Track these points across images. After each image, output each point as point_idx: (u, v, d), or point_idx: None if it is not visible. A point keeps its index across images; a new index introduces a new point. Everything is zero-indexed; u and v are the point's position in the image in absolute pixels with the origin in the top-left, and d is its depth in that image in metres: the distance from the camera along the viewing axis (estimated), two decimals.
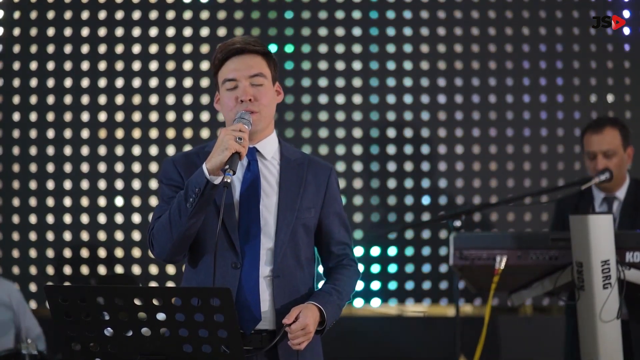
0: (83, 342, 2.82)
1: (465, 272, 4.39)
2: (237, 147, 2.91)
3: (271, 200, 3.08)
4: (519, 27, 5.84)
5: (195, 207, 2.94)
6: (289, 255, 3.06)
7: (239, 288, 3.01)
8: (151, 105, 5.85)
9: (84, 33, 5.89)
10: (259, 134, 3.10)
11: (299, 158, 3.17)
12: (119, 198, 5.82)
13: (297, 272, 3.08)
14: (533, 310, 5.83)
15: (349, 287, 3.16)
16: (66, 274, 5.80)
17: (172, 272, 5.80)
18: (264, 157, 3.12)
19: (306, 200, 3.10)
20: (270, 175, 3.11)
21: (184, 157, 3.13)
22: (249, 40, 3.10)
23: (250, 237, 3.04)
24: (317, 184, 3.14)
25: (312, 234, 3.14)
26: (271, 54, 3.14)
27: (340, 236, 3.18)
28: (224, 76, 3.09)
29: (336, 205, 3.18)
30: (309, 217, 3.11)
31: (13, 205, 5.84)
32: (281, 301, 3.04)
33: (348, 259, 3.19)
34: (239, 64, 3.08)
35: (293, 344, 2.96)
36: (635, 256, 4.13)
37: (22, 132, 5.87)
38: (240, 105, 3.05)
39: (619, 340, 4.08)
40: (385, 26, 5.85)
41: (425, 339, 5.71)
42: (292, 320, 2.95)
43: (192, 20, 5.87)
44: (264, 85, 3.08)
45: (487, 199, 5.76)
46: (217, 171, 2.92)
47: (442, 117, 5.83)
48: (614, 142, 4.65)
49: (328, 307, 3.03)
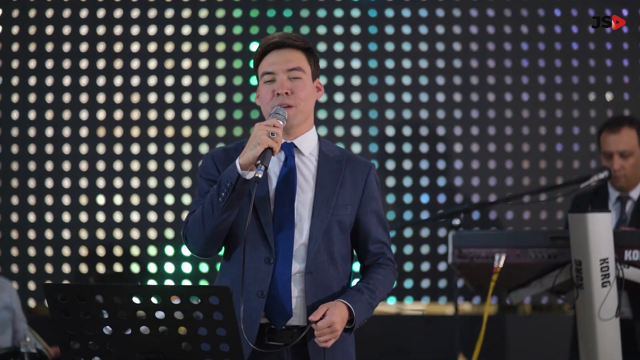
0: (82, 341, 2.82)
1: (464, 270, 4.39)
2: (269, 142, 2.91)
3: (307, 196, 3.07)
4: (518, 25, 5.85)
5: (227, 202, 2.94)
6: (322, 251, 3.05)
7: (272, 283, 3.00)
8: (150, 103, 5.85)
9: (83, 31, 5.88)
10: (296, 129, 3.09)
11: (337, 155, 3.15)
12: (117, 196, 5.82)
13: (330, 269, 3.06)
14: (532, 309, 5.83)
15: (383, 286, 3.14)
16: (65, 272, 5.80)
17: (170, 270, 5.79)
18: (302, 152, 3.11)
19: (342, 197, 3.09)
20: (307, 170, 3.10)
21: (222, 152, 3.13)
22: (289, 35, 3.11)
23: (284, 232, 3.03)
24: (355, 181, 3.12)
25: (347, 232, 3.12)
26: (312, 50, 3.13)
27: (378, 234, 3.15)
28: (262, 69, 3.09)
29: (374, 203, 3.15)
30: (345, 214, 3.09)
31: (12, 204, 5.84)
32: (313, 298, 3.02)
33: (384, 258, 3.17)
34: (278, 57, 3.08)
35: (319, 342, 2.95)
36: (634, 254, 4.13)
37: (20, 131, 5.87)
38: (276, 98, 3.05)
39: (618, 339, 4.08)
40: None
41: (424, 337, 5.70)
42: (318, 318, 2.94)
43: (190, 19, 5.87)
44: (302, 79, 3.07)
45: (486, 197, 5.76)
46: (249, 166, 2.92)
47: (440, 116, 5.83)
48: (631, 142, 4.64)
49: (357, 306, 3.01)
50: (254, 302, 3.00)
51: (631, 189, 4.70)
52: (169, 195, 5.81)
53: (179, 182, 5.80)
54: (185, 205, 5.79)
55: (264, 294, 3.00)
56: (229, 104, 5.83)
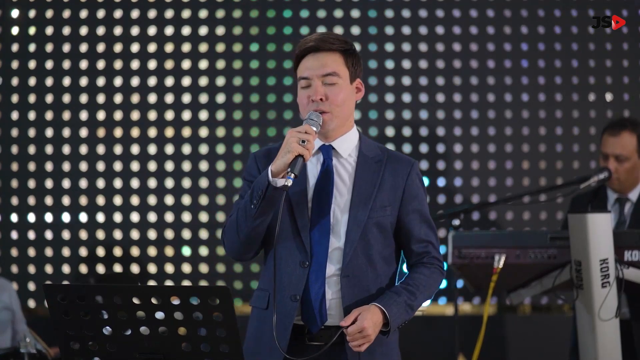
0: (82, 341, 2.82)
1: (464, 270, 4.39)
2: (300, 149, 2.90)
3: (344, 199, 3.05)
4: (518, 25, 5.85)
5: (259, 209, 2.93)
6: (359, 254, 3.02)
7: (306, 287, 2.99)
8: (149, 104, 5.85)
9: (83, 32, 5.88)
10: (335, 131, 3.07)
11: (377, 155, 3.13)
12: (117, 197, 5.82)
13: (368, 271, 3.03)
14: (532, 309, 5.83)
15: (425, 286, 3.11)
16: (65, 272, 5.80)
17: (170, 270, 5.79)
18: (340, 155, 3.09)
19: (381, 198, 3.06)
20: (345, 173, 3.08)
21: (265, 152, 3.12)
22: (325, 38, 3.05)
23: (320, 236, 3.01)
24: (395, 181, 3.09)
25: (389, 233, 3.08)
26: (350, 51, 3.07)
27: (421, 233, 3.11)
28: (299, 74, 3.06)
29: (416, 202, 3.10)
30: (384, 215, 3.05)
31: (11, 204, 5.84)
32: (349, 300, 3.00)
33: (429, 257, 3.14)
34: (313, 62, 3.04)
35: (353, 346, 2.93)
36: (634, 255, 4.13)
37: (20, 131, 5.87)
38: (312, 104, 3.02)
39: (618, 339, 4.08)
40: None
41: (424, 337, 5.70)
42: (349, 323, 2.92)
43: (190, 19, 5.87)
44: (338, 84, 3.03)
45: (486, 198, 5.76)
46: (281, 173, 2.91)
47: (440, 116, 5.83)
48: (629, 147, 4.63)
49: (393, 308, 2.99)
50: (287, 306, 2.99)
51: (630, 191, 4.70)
52: (169, 195, 5.80)
53: (179, 183, 5.80)
54: (186, 205, 5.79)
55: (297, 298, 2.98)
56: (229, 105, 5.83)
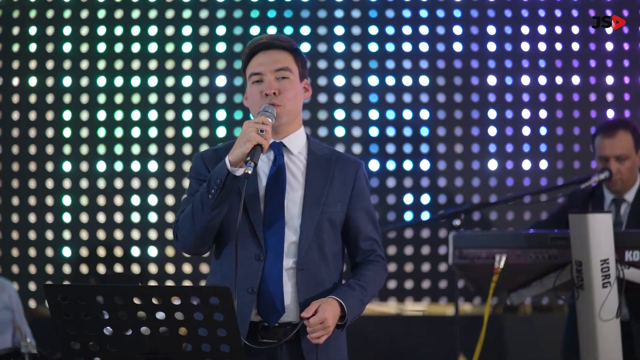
0: (82, 341, 2.82)
1: (465, 271, 4.39)
2: (259, 139, 2.95)
3: (297, 194, 3.10)
4: (518, 26, 5.85)
5: (217, 199, 2.97)
6: (313, 248, 3.08)
7: (262, 280, 3.03)
8: (150, 104, 5.85)
9: (84, 32, 5.88)
10: (285, 128, 3.13)
11: (326, 154, 3.18)
12: (118, 197, 5.82)
13: (322, 265, 3.09)
14: (532, 309, 5.83)
15: (374, 283, 3.17)
16: (65, 273, 5.80)
17: (171, 271, 5.79)
18: (291, 151, 3.14)
19: (332, 195, 3.12)
20: (296, 169, 3.13)
21: (212, 152, 3.16)
22: (276, 36, 3.16)
23: (274, 230, 3.05)
24: (344, 179, 3.15)
25: (338, 229, 3.15)
26: (299, 51, 3.17)
27: (368, 231, 3.18)
28: (250, 70, 3.13)
29: (364, 201, 3.18)
30: (335, 211, 3.12)
31: (12, 204, 5.84)
32: (305, 294, 3.05)
33: (375, 255, 3.20)
34: (265, 58, 3.12)
35: (312, 338, 2.97)
36: (635, 255, 4.13)
37: (21, 131, 5.87)
38: (265, 98, 3.08)
39: (618, 339, 4.08)
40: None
41: (425, 338, 5.70)
42: (310, 314, 2.97)
43: (191, 19, 5.87)
44: (290, 79, 3.11)
45: (487, 198, 5.76)
46: (239, 163, 2.96)
47: (441, 116, 5.83)
48: (627, 146, 4.63)
49: (349, 302, 3.04)
50: (244, 298, 3.02)
51: (626, 192, 4.70)
52: (170, 195, 5.81)
53: (180, 183, 5.80)
54: None
55: (254, 290, 3.02)
56: (229, 105, 5.83)
